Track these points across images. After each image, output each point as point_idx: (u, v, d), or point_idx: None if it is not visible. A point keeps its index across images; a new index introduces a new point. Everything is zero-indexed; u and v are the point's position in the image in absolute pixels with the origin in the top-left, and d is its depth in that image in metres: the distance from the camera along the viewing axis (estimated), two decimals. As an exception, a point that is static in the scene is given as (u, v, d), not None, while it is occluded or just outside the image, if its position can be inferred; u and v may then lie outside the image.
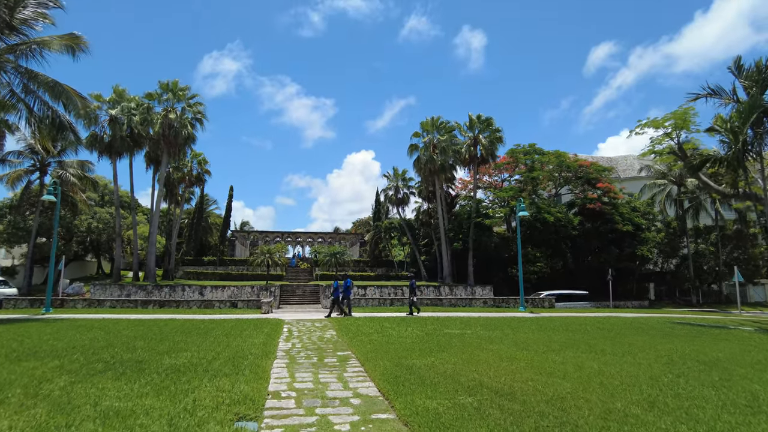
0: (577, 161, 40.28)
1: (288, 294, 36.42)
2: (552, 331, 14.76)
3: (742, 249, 44.25)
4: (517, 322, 18.00)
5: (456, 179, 44.54)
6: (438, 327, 15.50)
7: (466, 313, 22.50)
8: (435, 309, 24.91)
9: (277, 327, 15.78)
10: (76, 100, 17.75)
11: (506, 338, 12.83)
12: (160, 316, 19.85)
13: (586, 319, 19.73)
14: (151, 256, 36.79)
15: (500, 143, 39.09)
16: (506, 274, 40.49)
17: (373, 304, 26.29)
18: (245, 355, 9.65)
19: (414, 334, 13.55)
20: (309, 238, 65.13)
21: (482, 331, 14.35)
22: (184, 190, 47.14)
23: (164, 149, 35.67)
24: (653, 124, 18.87)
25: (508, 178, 45.26)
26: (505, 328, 15.61)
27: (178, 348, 10.43)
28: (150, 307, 24.59)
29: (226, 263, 53.06)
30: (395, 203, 48.67)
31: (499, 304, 28.19)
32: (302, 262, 55.41)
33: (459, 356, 9.67)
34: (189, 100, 36.84)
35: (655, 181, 43.51)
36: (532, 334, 14.04)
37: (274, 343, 11.92)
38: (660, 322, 19.20)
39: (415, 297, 22.35)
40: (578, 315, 22.85)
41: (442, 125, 38.96)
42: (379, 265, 54.83)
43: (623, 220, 38.60)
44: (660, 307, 39.39)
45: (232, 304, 25.10)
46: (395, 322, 17.31)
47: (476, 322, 17.38)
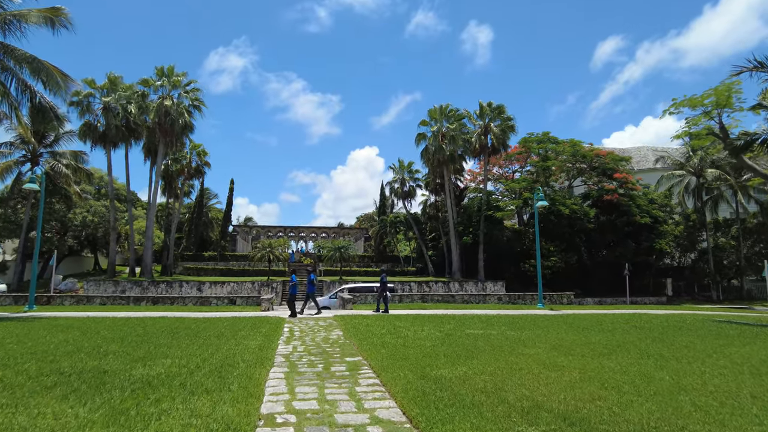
0: (592, 150, 38.45)
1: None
2: (586, 331, 13.09)
3: (765, 242, 42.38)
4: (543, 320, 16.33)
5: (465, 170, 42.85)
6: (457, 326, 13.84)
7: (482, 311, 20.84)
8: (447, 306, 23.25)
9: (276, 326, 14.16)
10: (57, 78, 16.11)
11: (539, 340, 11.16)
12: (151, 314, 18.26)
13: (615, 317, 18.03)
14: (147, 251, 35.27)
15: (512, 132, 37.36)
16: (518, 269, 38.79)
17: (381, 301, 24.73)
18: (236, 363, 8.01)
19: (432, 335, 11.90)
20: (312, 233, 63.60)
21: (509, 332, 12.69)
22: (183, 183, 45.58)
23: (160, 138, 34.08)
24: (690, 103, 17.10)
25: (519, 169, 43.49)
26: (533, 327, 13.94)
27: (158, 353, 8.81)
28: (143, 304, 23.05)
29: (227, 259, 51.58)
30: (401, 196, 47.00)
31: (514, 301, 26.52)
32: (305, 258, 53.86)
33: (494, 364, 8.00)
34: (186, 87, 35.24)
35: (673, 172, 41.64)
36: (566, 334, 12.37)
37: (273, 346, 10.30)
38: (698, 320, 17.49)
39: (388, 293, 20.58)
40: (604, 312, 21.13)
41: (451, 113, 37.19)
42: (384, 260, 53.26)
43: (641, 212, 36.80)
44: (679, 304, 37.60)
45: (231, 301, 23.53)
46: (407, 320, 15.66)
47: (497, 321, 15.71)
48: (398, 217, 52.52)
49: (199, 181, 49.91)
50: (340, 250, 37.41)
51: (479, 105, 38.27)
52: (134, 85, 34.21)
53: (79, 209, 39.71)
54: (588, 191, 38.95)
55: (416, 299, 25.21)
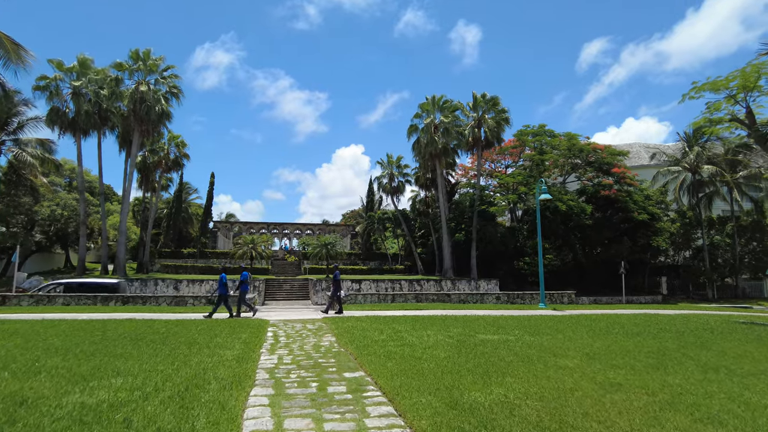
0: (589, 144, 37.21)
1: (274, 289, 32.96)
2: (611, 336, 11.57)
3: (758, 241, 41.68)
4: (553, 322, 14.80)
5: (457, 165, 41.31)
6: (465, 331, 12.21)
7: (482, 311, 19.29)
8: (444, 306, 21.64)
9: (259, 330, 12.38)
10: (5, 43, 14.01)
11: (566, 347, 9.59)
12: (118, 316, 16.31)
13: (628, 318, 16.58)
14: (121, 247, 33.03)
15: (507, 125, 35.89)
16: (511, 267, 37.41)
17: (372, 301, 22.99)
18: (206, 383, 6.26)
19: (442, 342, 10.24)
20: (297, 229, 61.57)
21: (527, 337, 11.10)
22: (160, 176, 43.25)
23: (135, 127, 31.82)
24: (713, 86, 15.72)
25: (513, 164, 42.13)
26: (549, 331, 12.38)
27: (108, 369, 6.99)
28: (111, 304, 20.98)
29: (206, 256, 49.30)
30: (389, 192, 45.31)
31: (513, 300, 25.05)
32: (290, 255, 51.88)
33: (534, 383, 6.37)
34: (163, 73, 33.00)
35: (669, 168, 40.67)
36: (591, 339, 10.83)
37: (254, 356, 8.54)
38: (719, 321, 16.14)
39: (342, 292, 19.00)
40: (611, 312, 19.72)
41: (445, 104, 35.55)
42: (372, 258, 51.53)
43: (638, 209, 35.68)
44: (675, 303, 36.61)
45: (209, 301, 21.60)
46: (407, 323, 13.99)
47: (506, 323, 14.13)
48: (386, 214, 50.84)
49: (177, 174, 47.61)
50: (327, 247, 35.58)
51: (473, 97, 36.74)
52: (107, 69, 31.85)
53: (47, 202, 37.18)
54: (583, 187, 37.74)
55: (410, 299, 23.56)
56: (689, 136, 41.21)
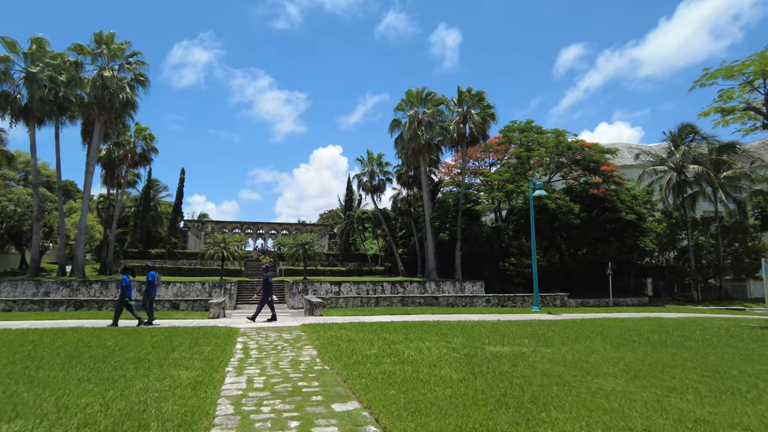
0: (577, 142, 36.17)
1: (247, 292, 30.85)
2: (634, 346, 10.11)
3: (740, 242, 41.41)
4: (559, 328, 13.33)
5: (440, 163, 39.79)
6: (468, 341, 10.58)
7: (475, 316, 17.74)
8: (433, 311, 20.01)
9: (226, 342, 10.53)
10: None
11: (596, 362, 8.04)
12: (65, 323, 14.20)
13: (636, 323, 15.20)
14: (80, 246, 30.48)
15: (493, 121, 34.51)
16: (496, 268, 36.09)
17: (355, 305, 21.21)
18: (142, 427, 4.45)
19: (446, 355, 8.59)
20: (272, 229, 59.28)
21: (542, 348, 9.53)
22: (126, 171, 40.59)
23: (97, 116, 29.35)
24: (727, 72, 14.50)
25: (498, 162, 40.89)
26: (562, 340, 10.86)
27: (7, 407, 5.10)
28: (62, 309, 18.71)
29: (176, 257, 46.69)
30: (370, 191, 43.55)
31: (504, 303, 23.60)
32: (264, 256, 49.66)
33: (592, 420, 4.75)
34: (128, 59, 30.56)
35: (655, 167, 40.04)
36: (616, 351, 9.33)
37: (216, 378, 6.74)
38: (733, 326, 14.91)
39: (274, 296, 16.83)
40: (612, 316, 18.39)
41: (429, 97, 33.97)
42: (351, 259, 49.67)
43: (626, 208, 34.76)
44: (662, 305, 35.84)
45: (173, 306, 19.51)
46: (398, 332, 12.32)
47: (509, 331, 12.58)
48: (366, 213, 49.12)
49: (145, 169, 44.89)
50: (304, 247, 33.60)
51: (458, 91, 35.27)
52: (65, 53, 29.27)
53: (-1, 198, 34.33)
54: (569, 186, 36.68)
55: (395, 302, 21.87)
56: (674, 135, 40.71)
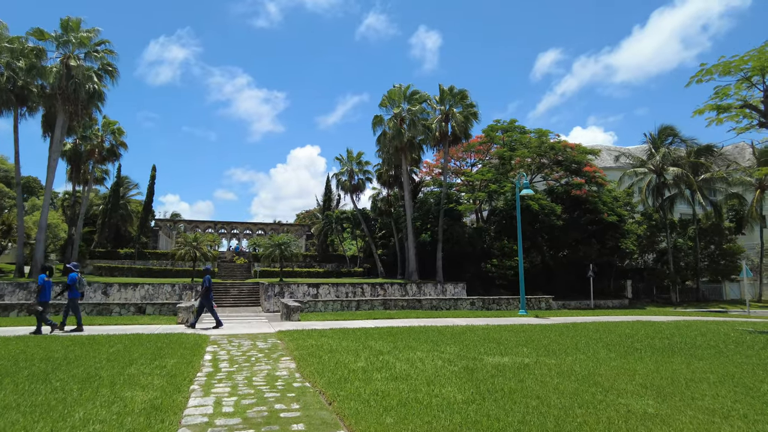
0: (560, 142, 35.83)
1: (220, 294, 29.50)
2: (641, 354, 9.36)
3: (716, 244, 41.78)
4: (554, 334, 12.56)
5: (422, 162, 39.04)
6: (462, 350, 9.67)
7: (462, 320, 16.90)
8: (417, 314, 19.06)
9: (194, 352, 9.40)
10: None
11: (610, 376, 7.22)
12: (11, 331, 12.79)
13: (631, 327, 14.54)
14: (39, 245, 28.64)
15: (475, 120, 33.94)
16: (478, 269, 35.50)
17: (335, 308, 20.15)
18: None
19: (442, 369, 7.65)
20: (247, 229, 57.69)
21: (546, 359, 8.68)
22: (94, 167, 38.70)
23: (60, 107, 27.60)
24: (724, 68, 13.97)
25: (480, 161, 40.30)
26: (562, 348, 10.04)
27: None
28: (13, 314, 17.16)
29: (146, 257, 44.84)
30: (349, 190, 42.54)
31: (489, 306, 22.86)
32: (239, 257, 48.14)
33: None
34: (95, 47, 28.89)
35: (635, 169, 40.07)
36: (624, 360, 8.55)
37: (178, 401, 5.65)
38: (728, 330, 14.37)
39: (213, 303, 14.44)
40: (601, 320, 17.74)
41: (413, 95, 33.11)
42: (329, 260, 48.54)
43: (608, 210, 34.57)
44: (642, 307, 35.81)
45: (139, 309, 18.14)
46: (384, 339, 11.35)
47: (502, 337, 11.74)
48: (345, 213, 48.06)
49: (114, 165, 42.89)
50: (281, 247, 32.34)
51: (440, 89, 34.56)
52: (25, 37, 27.41)
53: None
54: (550, 187, 36.37)
55: (376, 306, 20.89)
56: (654, 138, 40.84)
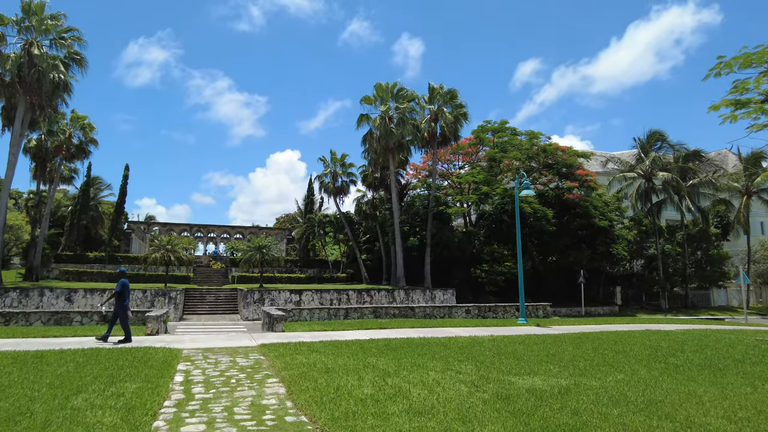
0: (551, 145, 34.92)
1: (195, 301, 27.62)
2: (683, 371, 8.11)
3: (703, 250, 41.44)
4: (571, 347, 11.27)
5: (408, 164, 37.72)
6: (482, 370, 8.26)
7: (462, 330, 15.52)
8: (412, 324, 17.50)
9: (162, 372, 7.79)
10: None
11: (672, 401, 5.91)
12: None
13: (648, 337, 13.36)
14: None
15: (465, 120, 32.81)
16: (467, 275, 34.22)
17: (321, 317, 18.53)
18: None
19: (469, 397, 6.22)
20: (224, 233, 55.53)
21: (582, 379, 7.33)
22: (60, 164, 36.32)
23: (21, 97, 25.47)
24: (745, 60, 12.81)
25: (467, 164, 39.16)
26: (592, 366, 8.72)
27: None
28: (-43, 323, 15.14)
29: (117, 261, 42.38)
30: (332, 193, 40.93)
31: (485, 314, 21.56)
32: (215, 261, 46.05)
33: None
34: (62, 34, 26.83)
35: (625, 174, 39.46)
36: (675, 382, 7.26)
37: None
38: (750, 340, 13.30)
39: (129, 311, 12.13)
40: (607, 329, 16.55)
41: (400, 93, 31.75)
42: (310, 265, 46.76)
43: (599, 215, 33.74)
44: (632, 314, 35.02)
45: (103, 318, 16.26)
46: (385, 354, 9.89)
47: (519, 353, 10.38)
48: (327, 217, 46.40)
49: (84, 164, 40.47)
50: (262, 251, 30.52)
51: (429, 88, 33.35)
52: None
53: None
54: (539, 191, 35.41)
55: (366, 314, 19.37)
56: (643, 143, 40.34)
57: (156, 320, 14.05)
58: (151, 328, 13.74)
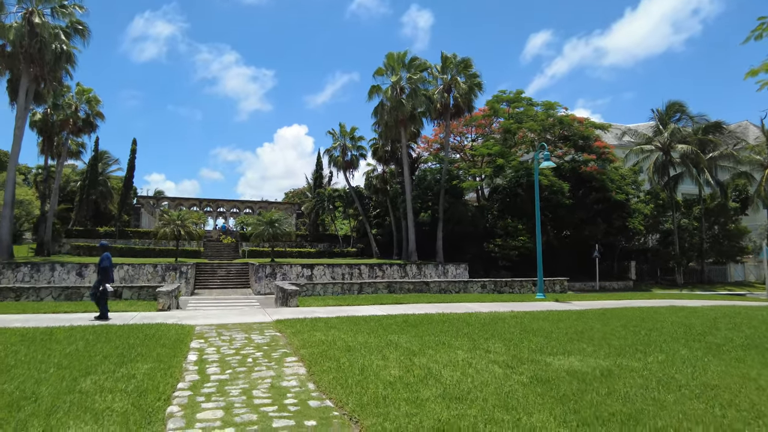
0: (568, 116, 33.87)
1: (206, 275, 27.44)
2: (725, 351, 7.61)
3: (721, 225, 40.55)
4: (599, 323, 10.77)
5: (420, 137, 36.84)
6: (512, 349, 7.80)
7: (480, 305, 15.09)
8: (428, 299, 17.12)
9: (175, 351, 7.42)
10: None
11: (728, 385, 5.42)
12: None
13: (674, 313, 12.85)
14: (5, 222, 26.13)
15: (479, 90, 31.78)
16: (480, 249, 33.71)
17: (335, 292, 18.21)
18: None
19: (505, 379, 5.76)
20: (234, 207, 55.24)
21: (623, 360, 6.84)
22: (67, 138, 35.87)
23: (24, 69, 24.89)
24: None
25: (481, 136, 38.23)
26: (633, 344, 8.23)
27: None
28: (-34, 299, 14.96)
29: (127, 236, 42.33)
30: (341, 167, 40.28)
31: (500, 289, 21.13)
32: (226, 236, 45.87)
33: None
34: (63, 2, 26.03)
35: (642, 146, 38.37)
36: (722, 363, 6.77)
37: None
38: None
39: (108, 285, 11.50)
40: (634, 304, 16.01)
41: (412, 63, 30.67)
42: (320, 239, 46.51)
43: (615, 188, 32.90)
44: (647, 289, 34.53)
45: (114, 293, 16.01)
46: (405, 331, 9.48)
47: (546, 330, 9.93)
48: (337, 191, 45.86)
49: (91, 138, 40.13)
50: (273, 225, 30.13)
51: (441, 57, 32.26)
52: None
53: None
54: (560, 163, 34.54)
55: (380, 289, 19.00)
56: (662, 114, 39.10)
57: (167, 295, 13.73)
58: (163, 304, 13.44)
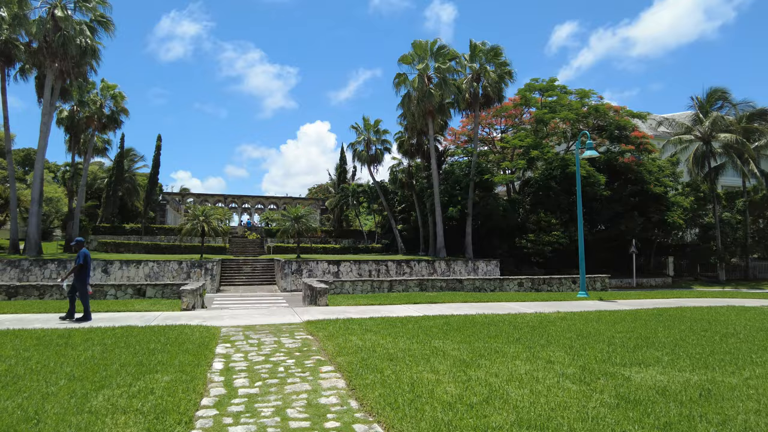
0: (604, 105, 32.34)
1: (231, 272, 26.99)
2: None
3: (765, 218, 38.47)
4: (662, 327, 9.72)
5: (447, 129, 35.74)
6: (577, 359, 6.87)
7: (521, 305, 14.12)
8: (464, 297, 16.23)
9: (199, 358, 6.70)
10: None
11: None
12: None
13: (736, 313, 11.67)
14: (33, 219, 26.12)
15: (510, 79, 30.51)
16: (511, 245, 32.57)
17: (364, 290, 17.43)
18: None
19: (591, 401, 4.85)
20: (259, 203, 55.09)
21: (713, 374, 5.83)
22: (93, 135, 35.93)
23: (49, 64, 24.71)
24: None
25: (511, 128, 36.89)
26: (715, 353, 7.20)
27: None
28: (-8, 296, 14.65)
29: (153, 232, 42.49)
30: (366, 161, 39.54)
31: (539, 287, 20.04)
32: (251, 232, 45.66)
33: None
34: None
35: (681, 136, 36.49)
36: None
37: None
38: None
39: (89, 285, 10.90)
40: (688, 304, 14.82)
41: (440, 51, 29.57)
42: (345, 235, 45.95)
43: (654, 181, 31.30)
44: (687, 286, 32.88)
45: (138, 292, 15.54)
46: (447, 336, 8.62)
47: (597, 333, 8.94)
48: (361, 186, 45.17)
49: (116, 135, 40.18)
50: (299, 221, 29.55)
51: (470, 45, 31.08)
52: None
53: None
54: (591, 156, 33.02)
55: (411, 287, 18.15)
56: (702, 102, 37.12)
57: (192, 294, 13.13)
58: (187, 303, 12.84)
